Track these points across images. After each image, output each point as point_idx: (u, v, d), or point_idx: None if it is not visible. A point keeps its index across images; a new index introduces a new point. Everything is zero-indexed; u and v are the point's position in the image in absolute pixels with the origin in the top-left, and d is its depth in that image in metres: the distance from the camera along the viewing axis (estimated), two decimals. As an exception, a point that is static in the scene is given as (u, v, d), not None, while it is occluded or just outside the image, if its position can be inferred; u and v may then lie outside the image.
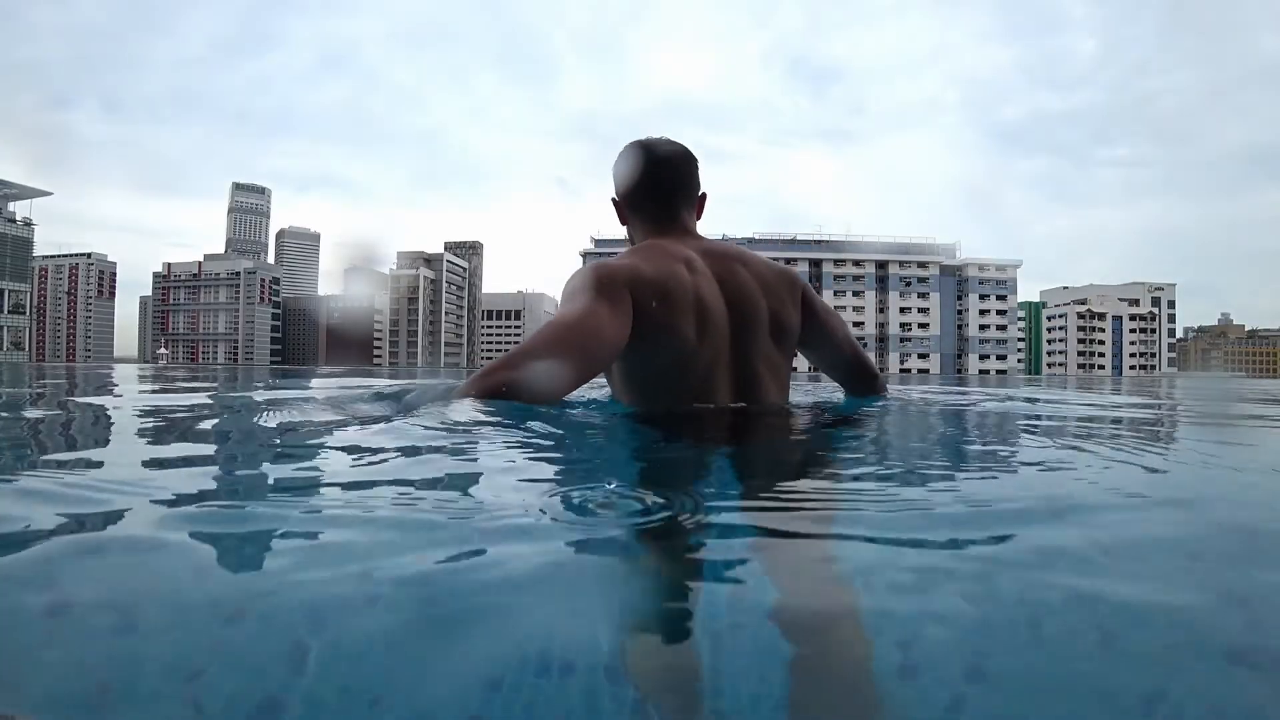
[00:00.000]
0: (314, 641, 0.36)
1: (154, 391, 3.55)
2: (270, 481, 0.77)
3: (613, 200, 1.61)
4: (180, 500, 0.64)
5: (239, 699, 0.32)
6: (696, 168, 1.57)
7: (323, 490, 0.73)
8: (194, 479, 0.76)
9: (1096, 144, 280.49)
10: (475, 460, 0.86)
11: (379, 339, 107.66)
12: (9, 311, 76.58)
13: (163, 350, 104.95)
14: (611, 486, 0.66)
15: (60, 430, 1.46)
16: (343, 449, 1.01)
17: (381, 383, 2.65)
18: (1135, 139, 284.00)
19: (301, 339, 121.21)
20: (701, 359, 1.33)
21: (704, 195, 1.58)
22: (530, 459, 0.87)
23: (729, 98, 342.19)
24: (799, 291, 1.51)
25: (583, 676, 0.34)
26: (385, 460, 0.86)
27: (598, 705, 0.32)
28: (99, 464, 0.96)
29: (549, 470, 0.84)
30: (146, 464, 0.94)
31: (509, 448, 0.94)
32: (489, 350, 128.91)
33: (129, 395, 3.16)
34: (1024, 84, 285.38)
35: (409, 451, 0.91)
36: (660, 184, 1.52)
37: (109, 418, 1.85)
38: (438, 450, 0.92)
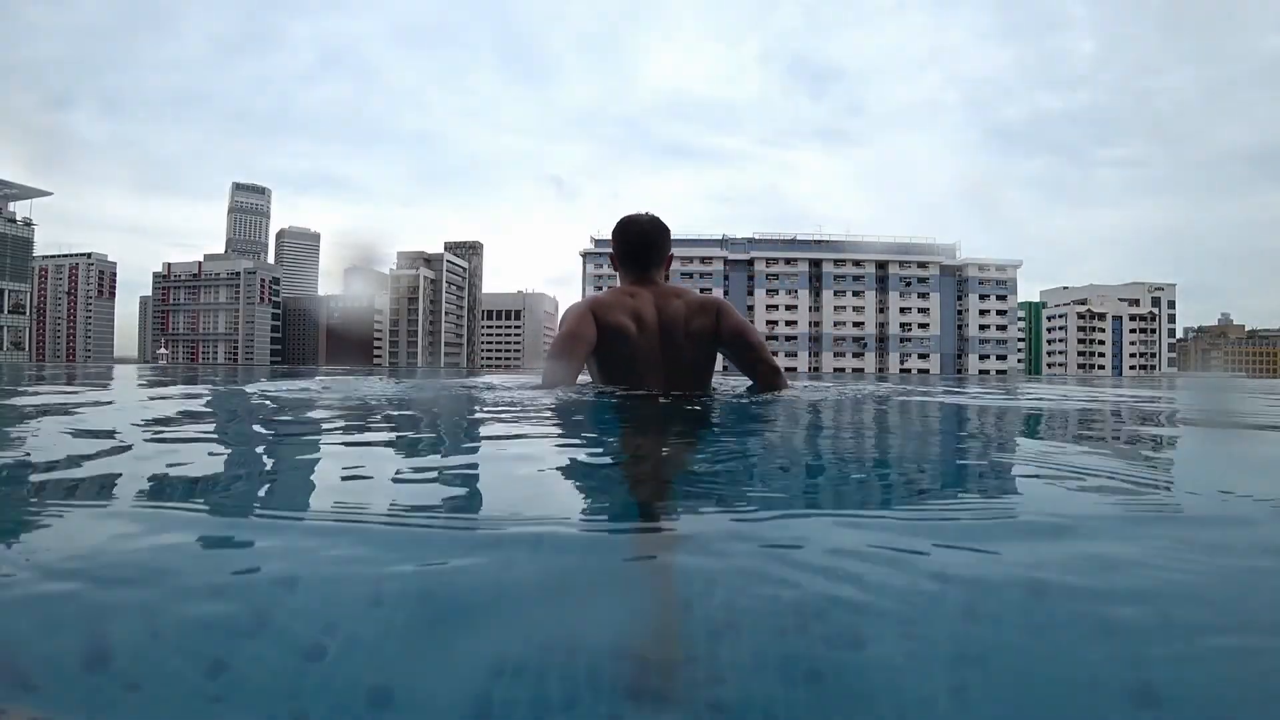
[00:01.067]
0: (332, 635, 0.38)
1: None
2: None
3: (609, 256, 2.39)
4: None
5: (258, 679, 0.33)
6: (667, 236, 2.33)
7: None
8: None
9: (1096, 144, 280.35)
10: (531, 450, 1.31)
11: (379, 339, 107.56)
12: (9, 311, 76.49)
13: (163, 350, 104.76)
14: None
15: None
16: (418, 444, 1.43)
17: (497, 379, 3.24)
18: (1135, 139, 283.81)
19: (301, 339, 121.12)
20: (640, 351, 2.13)
21: (671, 256, 2.36)
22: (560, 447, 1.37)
23: (728, 97, 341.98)
24: (714, 310, 2.23)
25: (582, 670, 0.34)
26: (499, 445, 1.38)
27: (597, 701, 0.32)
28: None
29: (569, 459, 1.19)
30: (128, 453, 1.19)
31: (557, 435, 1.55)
32: (489, 350, 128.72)
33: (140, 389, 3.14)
34: (1023, 84, 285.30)
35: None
36: (636, 252, 2.29)
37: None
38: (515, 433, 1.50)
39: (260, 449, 1.39)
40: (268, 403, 2.42)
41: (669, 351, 2.15)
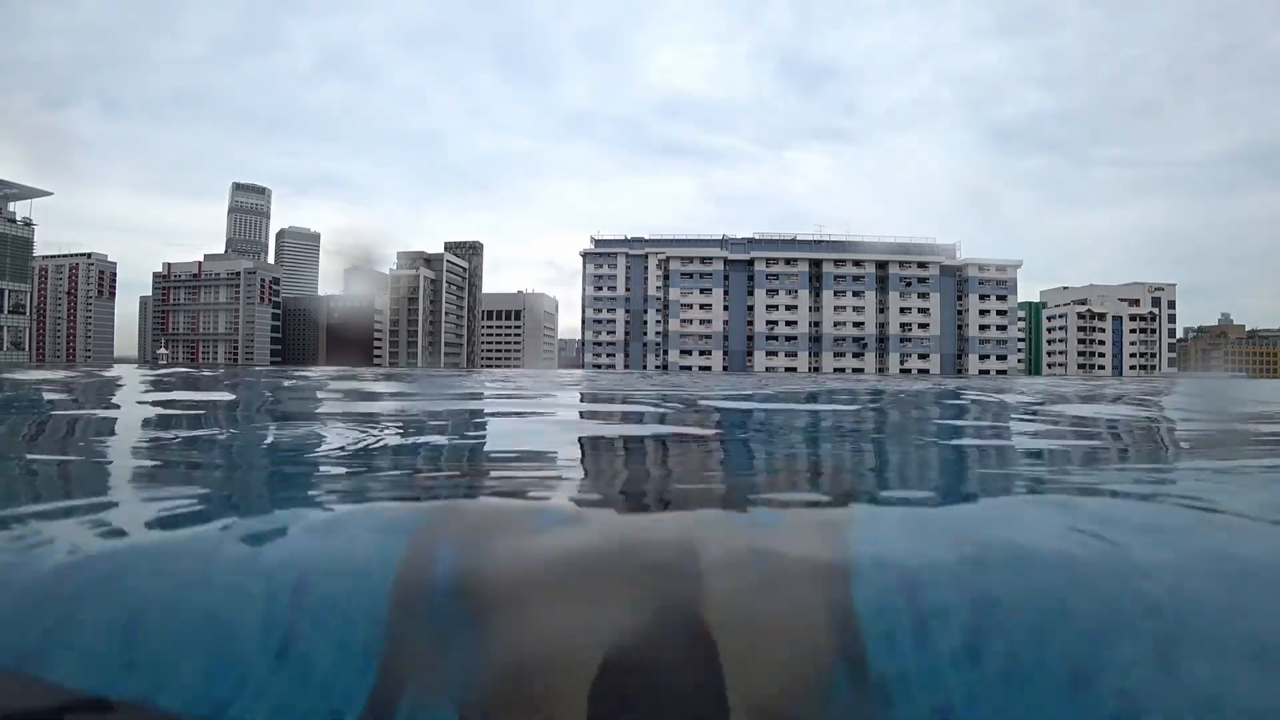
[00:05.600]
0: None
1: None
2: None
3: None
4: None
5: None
6: None
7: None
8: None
9: (1094, 143, 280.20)
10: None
11: (379, 339, 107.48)
12: (9, 311, 76.32)
13: (163, 350, 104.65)
14: None
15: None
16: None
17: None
18: (1134, 139, 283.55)
19: (301, 339, 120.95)
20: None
21: None
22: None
23: (727, 97, 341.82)
24: None
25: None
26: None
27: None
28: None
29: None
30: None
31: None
32: (489, 350, 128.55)
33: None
34: (1019, 82, 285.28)
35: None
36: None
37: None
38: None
39: None
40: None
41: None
